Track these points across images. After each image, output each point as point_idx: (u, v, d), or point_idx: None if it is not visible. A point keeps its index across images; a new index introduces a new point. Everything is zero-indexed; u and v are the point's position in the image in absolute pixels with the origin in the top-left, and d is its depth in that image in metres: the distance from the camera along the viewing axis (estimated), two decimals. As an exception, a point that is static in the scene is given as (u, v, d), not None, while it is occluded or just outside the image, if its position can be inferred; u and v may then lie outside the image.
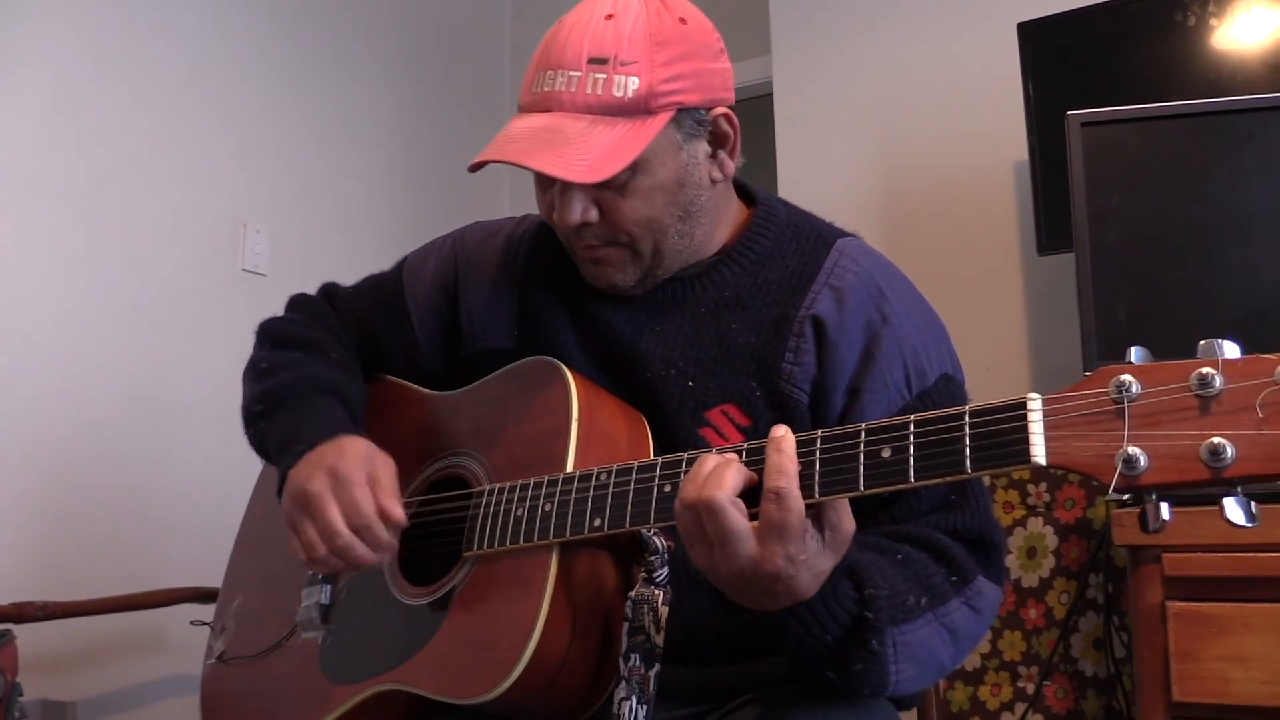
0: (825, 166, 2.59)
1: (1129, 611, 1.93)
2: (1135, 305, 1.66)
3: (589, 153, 0.94)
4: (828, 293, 1.03)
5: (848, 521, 0.80)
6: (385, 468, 1.02)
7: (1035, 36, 2.17)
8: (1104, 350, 1.63)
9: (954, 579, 0.92)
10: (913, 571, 0.90)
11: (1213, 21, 2.01)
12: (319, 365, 1.14)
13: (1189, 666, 1.35)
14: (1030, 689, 2.06)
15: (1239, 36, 2.00)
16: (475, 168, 1.00)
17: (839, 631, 0.84)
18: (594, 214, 1.01)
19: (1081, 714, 2.01)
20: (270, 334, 1.23)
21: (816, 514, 0.80)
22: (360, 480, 0.99)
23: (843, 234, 1.10)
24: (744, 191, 1.14)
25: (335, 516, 0.97)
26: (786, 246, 1.08)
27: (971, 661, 2.13)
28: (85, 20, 2.17)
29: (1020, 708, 2.07)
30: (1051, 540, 2.08)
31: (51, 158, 2.09)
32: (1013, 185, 2.36)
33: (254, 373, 1.18)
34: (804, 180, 2.56)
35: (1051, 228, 2.08)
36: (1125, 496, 0.70)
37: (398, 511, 0.99)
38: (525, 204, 1.31)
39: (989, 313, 2.34)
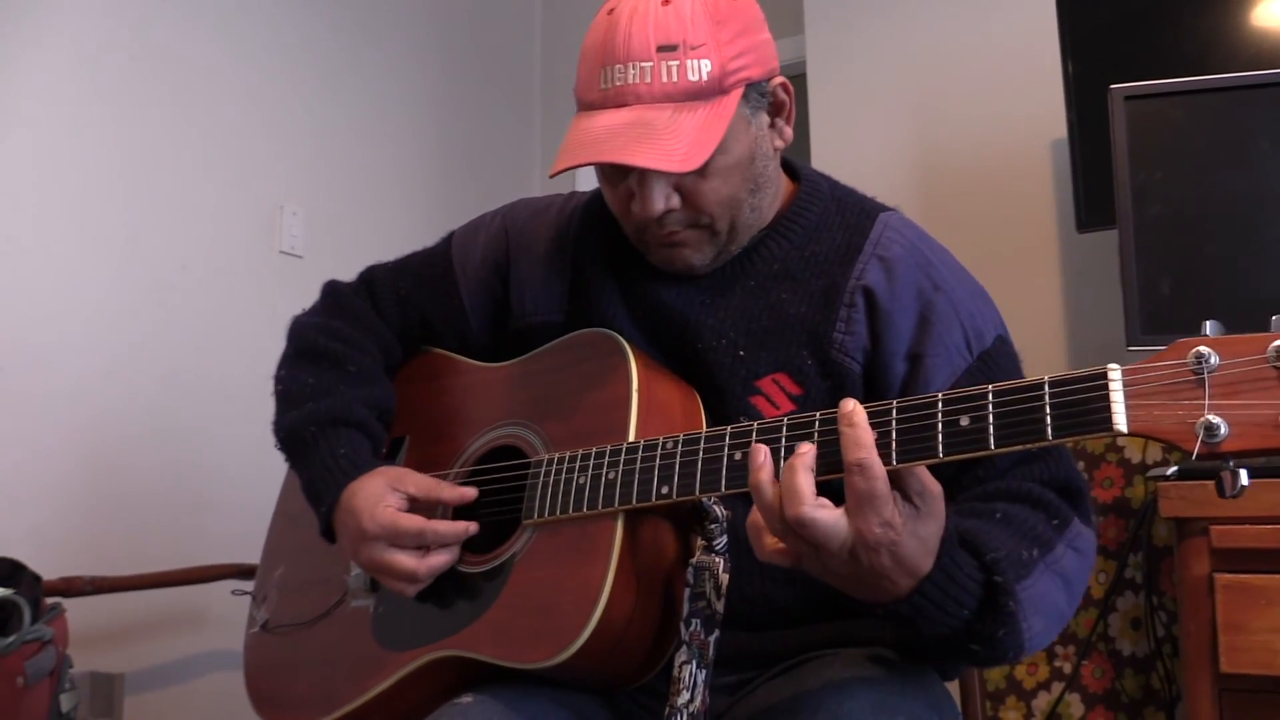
0: (860, 146, 2.58)
1: (1169, 589, 1.92)
2: (1179, 280, 1.64)
3: (681, 140, 0.95)
4: (876, 263, 1.05)
5: (932, 483, 0.80)
6: (408, 480, 1.07)
7: (1074, 11, 2.14)
8: (1147, 325, 1.62)
9: (1054, 523, 0.92)
10: (1015, 526, 0.90)
11: (1256, -6, 1.99)
12: (331, 391, 1.15)
13: (1237, 638, 1.35)
14: (1067, 668, 2.06)
15: (1283, 10, 1.98)
16: (558, 173, 0.98)
17: (973, 604, 0.84)
18: (676, 200, 1.02)
19: (1119, 693, 2.01)
20: (295, 339, 1.24)
21: (900, 486, 0.80)
22: (395, 518, 1.03)
23: (884, 208, 1.12)
24: (786, 167, 1.15)
25: (405, 563, 1.03)
26: (832, 219, 1.10)
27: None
28: (123, 3, 2.19)
29: (1057, 687, 2.07)
30: (1089, 519, 2.07)
31: (90, 141, 2.11)
32: (1049, 163, 2.34)
33: (275, 388, 1.21)
34: (839, 160, 2.54)
35: (1091, 204, 2.06)
36: (1170, 471, 0.71)
37: (462, 491, 1.06)
38: (555, 185, 1.32)
39: (1026, 291, 2.32)
